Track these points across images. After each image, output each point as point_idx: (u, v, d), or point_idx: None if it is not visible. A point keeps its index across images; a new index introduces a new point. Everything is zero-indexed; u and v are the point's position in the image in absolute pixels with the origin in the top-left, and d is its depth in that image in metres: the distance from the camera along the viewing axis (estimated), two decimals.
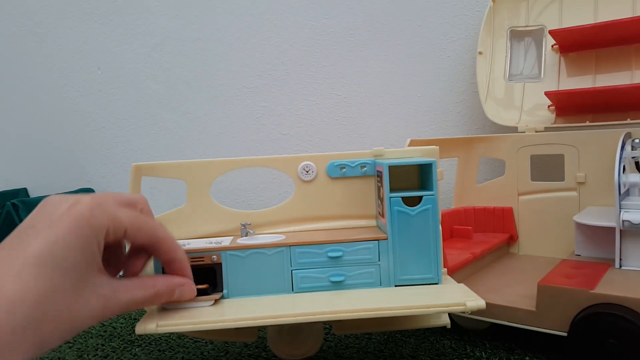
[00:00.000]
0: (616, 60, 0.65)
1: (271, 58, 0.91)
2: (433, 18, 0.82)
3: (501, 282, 0.53)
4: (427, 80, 0.84)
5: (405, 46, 0.84)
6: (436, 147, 0.44)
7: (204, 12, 0.93)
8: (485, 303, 0.36)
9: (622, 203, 0.49)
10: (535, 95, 0.70)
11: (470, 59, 0.81)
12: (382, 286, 0.41)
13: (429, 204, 0.40)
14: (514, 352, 0.48)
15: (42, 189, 1.03)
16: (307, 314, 0.36)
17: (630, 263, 0.49)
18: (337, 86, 0.89)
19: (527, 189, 0.64)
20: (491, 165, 0.79)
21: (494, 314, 0.47)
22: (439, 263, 0.41)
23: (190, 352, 0.52)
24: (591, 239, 0.54)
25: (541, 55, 0.71)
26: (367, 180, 0.45)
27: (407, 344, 0.51)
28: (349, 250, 0.40)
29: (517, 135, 0.65)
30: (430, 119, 0.85)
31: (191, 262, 0.39)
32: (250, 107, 0.93)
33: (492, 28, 0.74)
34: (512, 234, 0.65)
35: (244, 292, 0.40)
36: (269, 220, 0.45)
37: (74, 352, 0.54)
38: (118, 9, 0.97)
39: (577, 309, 0.42)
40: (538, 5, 0.71)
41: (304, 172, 0.45)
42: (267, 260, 0.40)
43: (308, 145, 0.91)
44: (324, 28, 0.88)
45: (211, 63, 0.94)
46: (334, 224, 0.45)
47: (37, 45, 1.02)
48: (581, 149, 0.60)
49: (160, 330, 0.35)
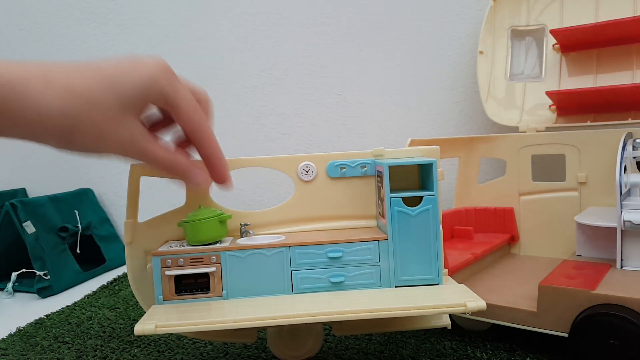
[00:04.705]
0: (617, 60, 0.65)
1: (271, 58, 0.91)
2: (433, 17, 0.82)
3: (502, 282, 0.53)
4: (427, 79, 0.84)
5: (406, 46, 0.84)
6: (437, 147, 0.44)
7: (204, 12, 0.93)
8: (485, 304, 0.36)
9: (623, 203, 0.49)
10: (536, 94, 0.70)
11: (471, 58, 0.80)
12: (383, 287, 0.40)
13: (429, 204, 0.40)
14: (515, 353, 0.48)
15: (41, 189, 1.02)
16: (307, 315, 0.36)
17: (632, 263, 0.49)
18: (337, 86, 0.88)
19: (528, 189, 0.64)
20: (492, 165, 0.79)
21: (495, 315, 0.47)
22: (440, 264, 0.40)
23: (190, 352, 0.52)
24: (592, 239, 0.54)
25: (542, 55, 0.71)
26: (367, 180, 0.45)
27: (408, 345, 0.50)
28: (349, 250, 0.40)
29: (518, 135, 0.65)
30: (431, 118, 0.84)
31: (191, 262, 0.39)
32: (250, 107, 0.93)
33: (493, 27, 0.73)
34: (513, 235, 0.64)
35: (244, 293, 0.40)
36: (269, 221, 0.45)
37: (73, 352, 0.54)
38: (117, 9, 0.97)
39: (578, 310, 0.42)
40: (539, 4, 0.71)
41: (304, 172, 0.44)
42: (267, 260, 0.40)
43: (308, 145, 0.90)
44: (324, 28, 0.88)
45: (211, 63, 0.93)
46: (334, 224, 0.45)
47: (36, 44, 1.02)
48: (582, 149, 0.60)
49: (160, 331, 0.35)
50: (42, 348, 0.55)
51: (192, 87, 0.40)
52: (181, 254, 0.40)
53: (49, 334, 0.59)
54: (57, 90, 0.32)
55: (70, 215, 0.87)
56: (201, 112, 0.39)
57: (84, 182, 1.02)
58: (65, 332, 0.60)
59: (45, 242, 0.78)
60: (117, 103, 0.34)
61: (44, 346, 0.56)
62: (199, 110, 0.38)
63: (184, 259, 0.40)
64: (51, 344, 0.56)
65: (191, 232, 0.41)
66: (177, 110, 0.37)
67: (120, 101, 0.34)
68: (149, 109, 0.37)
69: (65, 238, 0.82)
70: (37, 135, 0.33)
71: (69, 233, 0.82)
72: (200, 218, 0.40)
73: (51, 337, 0.59)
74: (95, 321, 0.63)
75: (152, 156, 0.37)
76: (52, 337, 0.58)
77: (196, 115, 0.38)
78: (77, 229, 0.85)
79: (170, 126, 0.42)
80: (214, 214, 0.41)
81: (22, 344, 0.57)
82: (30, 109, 0.31)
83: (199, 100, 0.40)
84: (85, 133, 0.34)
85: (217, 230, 0.41)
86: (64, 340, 0.57)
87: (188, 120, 0.38)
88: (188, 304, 0.39)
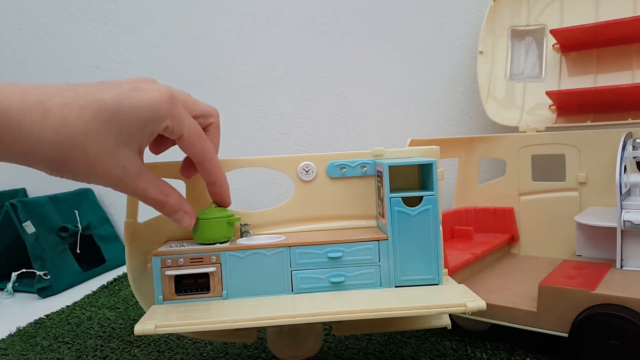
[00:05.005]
0: (617, 60, 0.65)
1: (271, 58, 0.91)
2: (433, 17, 0.82)
3: (502, 282, 0.53)
4: (427, 79, 0.84)
5: (406, 46, 0.84)
6: (437, 147, 0.44)
7: (203, 12, 0.93)
8: (485, 304, 0.36)
9: (623, 203, 0.49)
10: (536, 94, 0.70)
11: (471, 58, 0.80)
12: (382, 287, 0.40)
13: (429, 204, 0.40)
14: (515, 353, 0.48)
15: (41, 189, 1.02)
16: (307, 315, 0.36)
17: (632, 263, 0.49)
18: (337, 86, 0.88)
19: (528, 189, 0.64)
20: (492, 165, 0.79)
21: (495, 315, 0.47)
22: (440, 264, 0.40)
23: (190, 353, 0.52)
24: (592, 239, 0.54)
25: (542, 55, 0.71)
26: (367, 180, 0.45)
27: (408, 345, 0.50)
28: (349, 250, 0.40)
29: (518, 135, 0.65)
30: (431, 118, 0.84)
31: (190, 262, 0.39)
32: (250, 107, 0.93)
33: (493, 27, 0.73)
34: (513, 235, 0.64)
35: (244, 293, 0.40)
36: (269, 221, 0.45)
37: (72, 352, 0.54)
38: (117, 8, 0.97)
39: (578, 310, 0.42)
40: (539, 4, 0.71)
41: (304, 172, 0.44)
42: (267, 260, 0.40)
43: (308, 145, 0.90)
44: (324, 28, 0.88)
45: (211, 63, 0.93)
46: (334, 224, 0.45)
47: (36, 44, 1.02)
48: (582, 149, 0.59)
49: (160, 331, 0.35)
50: (42, 348, 0.55)
51: (202, 109, 0.39)
52: (181, 254, 0.40)
53: (49, 334, 0.59)
54: (52, 123, 0.31)
55: (70, 215, 0.87)
56: (205, 140, 0.38)
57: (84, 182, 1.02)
58: (65, 332, 0.60)
59: (45, 242, 0.78)
60: (113, 136, 0.33)
61: (44, 346, 0.56)
62: (203, 139, 0.38)
63: (184, 259, 0.40)
64: (51, 344, 0.56)
65: (199, 230, 0.41)
66: (180, 140, 0.37)
67: (116, 134, 0.33)
68: (149, 140, 0.36)
69: (65, 238, 0.82)
70: (29, 162, 0.32)
71: (69, 233, 0.82)
72: (210, 217, 0.41)
73: (51, 337, 0.59)
74: (95, 321, 0.63)
75: (142, 195, 0.36)
76: (52, 337, 0.58)
77: (200, 145, 0.38)
78: (77, 229, 0.85)
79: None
80: (224, 215, 0.41)
81: (22, 344, 0.57)
82: (23, 140, 0.30)
83: (208, 122, 0.40)
84: (76, 164, 0.33)
85: (224, 231, 0.41)
86: (64, 340, 0.57)
87: (192, 151, 0.38)
88: (188, 304, 0.39)
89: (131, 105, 0.33)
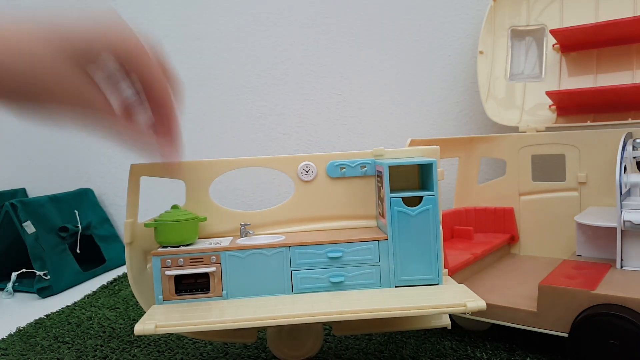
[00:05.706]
0: (617, 60, 0.65)
1: (271, 58, 0.91)
2: (433, 17, 0.82)
3: (502, 282, 0.53)
4: (427, 79, 0.84)
5: (406, 46, 0.84)
6: (437, 147, 0.44)
7: (204, 12, 0.93)
8: (485, 304, 0.36)
9: (623, 203, 0.49)
10: (536, 94, 0.70)
11: (471, 58, 0.80)
12: (382, 287, 0.40)
13: (429, 204, 0.40)
14: (515, 353, 0.48)
15: (41, 189, 1.02)
16: (307, 315, 0.36)
17: (632, 263, 0.49)
18: (337, 86, 0.88)
19: (528, 189, 0.64)
20: (492, 165, 0.79)
21: (495, 315, 0.47)
22: (440, 264, 0.40)
23: (190, 352, 0.52)
24: (592, 239, 0.54)
25: (542, 55, 0.71)
26: (367, 180, 0.45)
27: (408, 345, 0.50)
28: (349, 250, 0.40)
29: (518, 135, 0.65)
30: (431, 118, 0.84)
31: (190, 262, 0.39)
32: (250, 107, 0.93)
33: (493, 27, 0.73)
34: (513, 235, 0.64)
35: (244, 293, 0.40)
36: (269, 221, 0.45)
37: (73, 352, 0.54)
38: (116, 8, 0.97)
39: (578, 310, 0.42)
40: (539, 4, 0.71)
41: (304, 172, 0.44)
42: (267, 260, 0.40)
43: (308, 145, 0.90)
44: (324, 28, 0.88)
45: (211, 62, 0.93)
46: (334, 224, 0.45)
47: None
48: (582, 148, 0.59)
49: (160, 331, 0.35)
50: (42, 348, 0.55)
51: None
52: (181, 254, 0.40)
53: (49, 334, 0.59)
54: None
55: (70, 215, 0.87)
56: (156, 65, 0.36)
57: (84, 182, 1.02)
58: (65, 332, 0.60)
59: (45, 242, 0.78)
60: (61, 52, 0.31)
61: (44, 346, 0.56)
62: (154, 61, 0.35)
63: (184, 259, 0.40)
64: (51, 344, 0.56)
65: (162, 233, 0.40)
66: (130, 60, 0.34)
67: (63, 50, 0.31)
68: (98, 60, 0.33)
69: (65, 238, 0.82)
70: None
71: (69, 233, 0.82)
72: (176, 219, 0.40)
73: (51, 337, 0.59)
74: (95, 321, 0.63)
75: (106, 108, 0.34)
76: (52, 337, 0.58)
77: (148, 61, 0.35)
78: (77, 229, 0.85)
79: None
80: (190, 216, 0.41)
81: (22, 344, 0.57)
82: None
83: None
84: (21, 83, 0.30)
85: (189, 233, 0.41)
86: (64, 340, 0.57)
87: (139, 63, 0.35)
88: (188, 304, 0.39)
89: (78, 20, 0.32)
